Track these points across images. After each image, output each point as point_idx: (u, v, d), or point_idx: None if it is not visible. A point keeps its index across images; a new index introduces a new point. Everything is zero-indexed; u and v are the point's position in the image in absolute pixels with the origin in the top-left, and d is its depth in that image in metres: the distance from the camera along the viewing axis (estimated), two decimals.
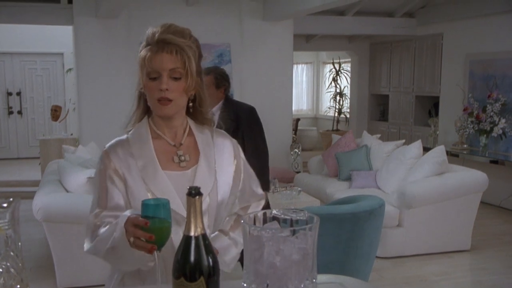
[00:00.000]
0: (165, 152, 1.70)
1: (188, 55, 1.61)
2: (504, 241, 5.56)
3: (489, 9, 7.02)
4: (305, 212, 1.24)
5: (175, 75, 1.61)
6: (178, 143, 1.72)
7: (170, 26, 1.64)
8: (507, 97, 6.79)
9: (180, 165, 1.69)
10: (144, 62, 1.61)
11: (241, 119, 3.79)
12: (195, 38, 1.68)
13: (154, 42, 1.60)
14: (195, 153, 1.73)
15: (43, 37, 10.08)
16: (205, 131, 1.78)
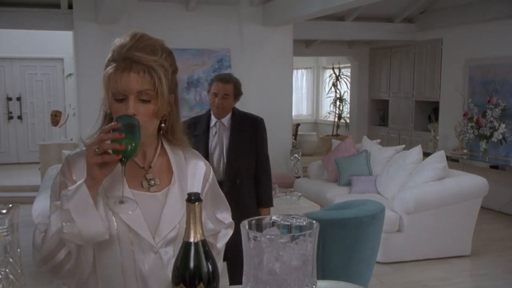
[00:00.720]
0: (133, 174, 1.52)
1: (158, 75, 1.41)
2: (504, 247, 5.55)
3: (489, 15, 7.03)
4: (304, 218, 1.24)
5: (143, 97, 1.41)
6: (147, 164, 1.55)
7: (140, 39, 1.44)
8: (507, 102, 6.79)
9: (150, 190, 1.52)
10: (109, 81, 1.42)
11: (255, 131, 3.59)
12: (169, 52, 1.50)
13: (121, 59, 1.41)
14: (168, 174, 1.56)
15: (43, 42, 10.09)
16: (177, 151, 1.62)
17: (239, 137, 3.53)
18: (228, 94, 3.46)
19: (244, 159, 3.54)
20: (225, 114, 3.53)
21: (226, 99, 3.46)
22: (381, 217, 3.69)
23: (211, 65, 7.11)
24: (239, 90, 3.57)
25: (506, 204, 6.78)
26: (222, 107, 3.46)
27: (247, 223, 1.19)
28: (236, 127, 3.54)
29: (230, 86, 3.48)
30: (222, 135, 3.54)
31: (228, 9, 7.35)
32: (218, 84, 3.46)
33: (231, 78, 3.58)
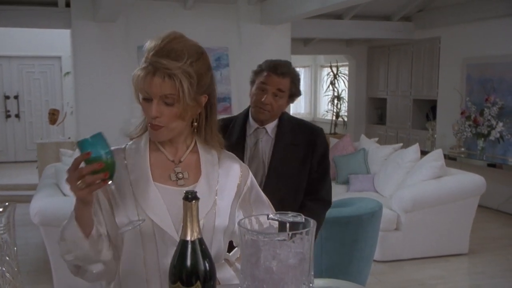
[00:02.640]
0: (162, 166, 1.58)
1: (180, 81, 1.44)
2: (502, 245, 5.56)
3: (486, 13, 7.03)
4: (301, 216, 1.24)
5: (167, 100, 1.46)
6: (177, 159, 1.60)
7: (169, 43, 1.47)
8: (505, 100, 6.80)
9: (178, 183, 1.56)
10: (136, 82, 1.48)
11: (312, 146, 2.59)
12: (198, 55, 1.51)
13: (147, 62, 1.46)
14: (197, 171, 1.59)
15: (41, 41, 10.07)
16: (212, 152, 1.65)
17: (289, 153, 2.55)
18: (283, 91, 2.49)
19: (291, 188, 2.55)
20: (272, 119, 2.57)
21: (279, 98, 2.50)
22: (379, 215, 3.71)
23: None
24: (298, 88, 2.60)
25: (504, 202, 6.79)
26: (271, 108, 2.49)
27: (243, 221, 1.19)
28: (284, 139, 2.56)
29: (287, 81, 2.51)
30: (264, 148, 2.57)
31: (226, 7, 7.34)
32: (271, 76, 2.49)
33: (289, 69, 2.55)
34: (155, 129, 1.51)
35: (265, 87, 2.49)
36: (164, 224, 1.49)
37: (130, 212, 1.50)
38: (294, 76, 2.54)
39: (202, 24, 7.06)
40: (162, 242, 1.50)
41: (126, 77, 1.61)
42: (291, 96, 2.56)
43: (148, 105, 1.48)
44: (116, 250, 1.55)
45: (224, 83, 7.14)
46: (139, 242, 1.51)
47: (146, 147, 1.60)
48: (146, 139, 1.61)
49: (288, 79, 2.51)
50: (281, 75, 2.49)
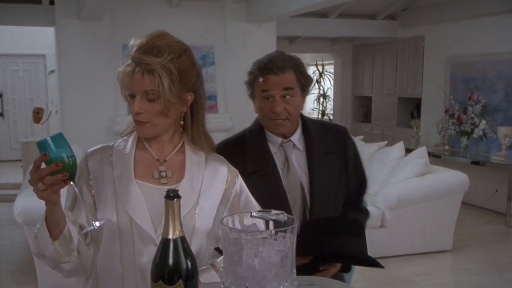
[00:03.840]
0: (146, 164, 1.59)
1: (160, 76, 1.45)
2: (485, 241, 5.62)
3: (469, 12, 7.09)
4: (284, 214, 1.25)
5: (149, 96, 1.47)
6: (162, 158, 1.60)
7: (152, 40, 1.49)
8: (488, 98, 6.87)
9: (160, 181, 1.56)
10: (121, 78, 1.49)
11: (343, 149, 2.17)
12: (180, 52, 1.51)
13: (130, 58, 1.48)
14: (181, 171, 1.59)
15: (25, 39, 9.98)
16: (199, 153, 1.64)
17: (326, 165, 2.11)
18: (291, 88, 2.01)
19: (334, 205, 2.13)
20: (294, 126, 2.11)
21: (290, 99, 2.02)
22: None
23: None
24: (306, 74, 2.11)
25: (487, 199, 6.86)
26: (287, 114, 2.02)
27: (225, 219, 1.19)
28: (316, 148, 2.11)
29: (290, 74, 2.02)
30: (298, 165, 2.11)
31: (212, 5, 7.33)
32: (269, 78, 2.01)
33: (286, 59, 2.05)
34: (139, 124, 1.53)
35: (268, 94, 2.01)
36: (142, 222, 1.50)
37: (110, 208, 1.51)
38: (295, 64, 2.06)
39: (187, 22, 7.05)
40: (140, 239, 1.50)
41: (111, 75, 1.62)
42: (304, 89, 2.08)
43: (133, 102, 1.50)
44: (97, 245, 1.55)
45: (210, 82, 7.13)
46: (116, 238, 1.51)
47: (133, 144, 1.61)
48: (135, 137, 1.62)
49: (290, 71, 2.02)
50: (281, 71, 2.00)
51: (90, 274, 1.57)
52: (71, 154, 1.37)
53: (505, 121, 6.68)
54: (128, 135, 1.65)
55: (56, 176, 1.33)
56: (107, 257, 1.53)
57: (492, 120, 6.74)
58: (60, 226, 1.44)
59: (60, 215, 1.44)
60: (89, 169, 1.58)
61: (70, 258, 1.48)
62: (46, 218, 1.43)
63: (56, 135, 1.38)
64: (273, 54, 2.09)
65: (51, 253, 1.45)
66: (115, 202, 1.52)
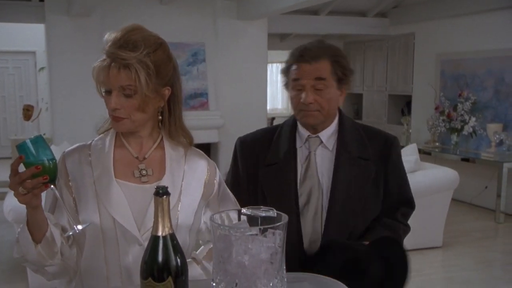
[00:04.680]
0: (126, 163, 1.56)
1: (136, 70, 1.43)
2: (475, 238, 5.65)
3: (459, 10, 7.12)
4: (274, 211, 1.25)
5: (125, 92, 1.45)
6: (142, 155, 1.58)
7: (127, 34, 1.47)
8: (477, 96, 6.91)
9: (141, 179, 1.55)
10: (96, 74, 1.47)
11: (385, 159, 1.97)
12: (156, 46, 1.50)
13: (105, 54, 1.46)
14: (161, 168, 1.58)
15: (14, 35, 9.90)
16: (179, 148, 1.62)
17: (357, 170, 1.91)
18: (323, 79, 1.85)
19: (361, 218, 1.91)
20: (327, 120, 1.94)
21: (323, 90, 1.87)
22: None
23: (186, 58, 7.08)
24: (345, 66, 1.93)
25: (477, 196, 6.90)
26: (318, 106, 1.87)
27: (215, 216, 1.20)
28: (349, 150, 1.93)
29: (325, 64, 1.86)
30: (320, 164, 1.94)
31: (202, 2, 7.31)
32: (301, 67, 1.87)
33: (323, 48, 1.90)
34: (117, 120, 1.50)
35: (300, 83, 1.86)
36: (125, 222, 1.49)
37: (91, 210, 1.49)
38: (332, 54, 1.89)
39: (178, 19, 7.03)
40: (124, 239, 1.49)
41: None
42: (340, 81, 1.91)
43: (109, 98, 1.48)
44: (79, 247, 1.54)
45: (201, 79, 7.13)
46: (100, 239, 1.50)
47: (111, 143, 1.59)
48: (112, 135, 1.60)
49: (326, 60, 1.86)
50: (314, 60, 1.84)
51: (74, 276, 1.56)
52: (51, 156, 1.35)
53: (495, 118, 6.72)
54: (105, 133, 1.63)
55: (36, 179, 1.31)
56: (91, 259, 1.52)
57: (482, 117, 6.78)
58: (43, 229, 1.43)
59: (42, 217, 1.41)
60: (68, 170, 1.55)
61: (54, 261, 1.46)
62: (28, 222, 1.41)
63: (35, 138, 1.36)
64: (311, 42, 1.94)
65: (34, 256, 1.43)
66: (97, 204, 1.50)
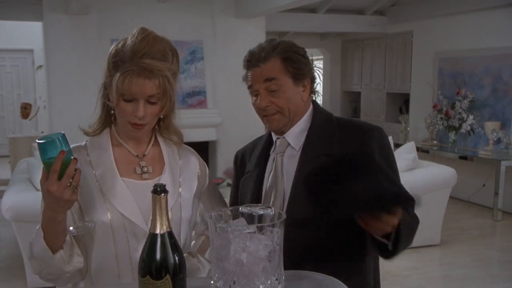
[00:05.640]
0: (126, 161, 1.58)
1: (170, 81, 1.47)
2: (472, 236, 5.66)
3: (457, 8, 7.13)
4: (272, 209, 1.26)
5: (152, 100, 1.47)
6: (141, 153, 1.61)
7: (153, 44, 1.47)
8: (475, 94, 6.92)
9: (142, 176, 1.58)
10: (122, 84, 1.44)
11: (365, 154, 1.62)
12: (176, 53, 1.54)
13: (134, 64, 1.44)
14: (160, 164, 1.61)
15: (12, 33, 9.90)
16: (171, 145, 1.67)
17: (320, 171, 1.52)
18: (272, 79, 1.69)
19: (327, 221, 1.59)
20: (288, 123, 1.75)
21: (277, 91, 1.70)
22: None
23: (184, 56, 7.07)
24: (300, 61, 1.72)
25: (474, 194, 6.91)
26: (276, 108, 1.72)
27: (214, 214, 1.20)
28: (313, 148, 1.72)
29: (273, 63, 1.70)
30: (287, 168, 1.74)
31: (200, 0, 7.31)
32: (252, 72, 1.73)
33: (271, 47, 1.72)
34: (137, 128, 1.52)
35: (253, 88, 1.73)
36: (134, 218, 1.51)
37: (99, 209, 1.50)
38: (282, 50, 1.71)
39: (176, 17, 7.02)
40: (133, 236, 1.51)
41: (99, 70, 1.60)
42: (296, 77, 1.71)
43: (130, 106, 1.47)
44: (85, 248, 1.54)
45: (199, 77, 7.12)
46: (110, 238, 1.51)
47: (109, 142, 1.60)
48: (108, 135, 1.61)
49: (274, 59, 1.69)
50: (261, 62, 1.70)
51: (84, 276, 1.57)
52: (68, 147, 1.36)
53: (492, 116, 6.72)
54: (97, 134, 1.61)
55: (78, 172, 1.34)
56: (102, 257, 1.53)
57: (480, 115, 6.79)
58: (63, 236, 1.44)
59: (65, 222, 1.42)
60: None
61: (72, 263, 1.48)
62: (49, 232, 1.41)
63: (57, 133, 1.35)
64: (260, 44, 1.77)
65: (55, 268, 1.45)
66: (104, 202, 1.51)
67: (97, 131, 1.61)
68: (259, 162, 1.82)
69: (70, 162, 1.32)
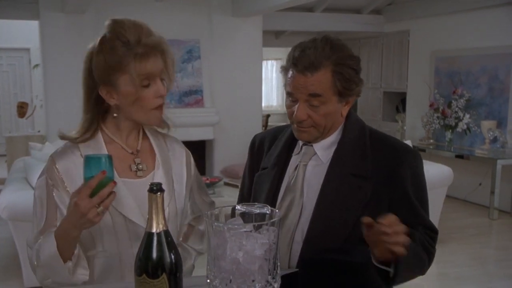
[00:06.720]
0: (121, 159, 1.55)
1: (171, 55, 1.52)
2: (469, 234, 5.67)
3: (453, 7, 7.14)
4: (268, 207, 1.26)
5: (163, 76, 1.50)
6: (135, 149, 1.59)
7: (142, 26, 1.51)
8: (471, 93, 6.93)
9: (137, 174, 1.56)
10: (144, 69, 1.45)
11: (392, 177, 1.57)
12: None
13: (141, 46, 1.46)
14: (152, 158, 1.60)
15: (9, 32, 9.87)
16: (158, 135, 1.66)
17: (346, 190, 1.58)
18: (318, 95, 1.55)
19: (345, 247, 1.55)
20: (320, 137, 1.65)
21: (319, 106, 1.57)
22: None
23: (181, 55, 7.06)
24: (349, 75, 1.58)
25: (471, 192, 6.92)
26: (312, 122, 1.60)
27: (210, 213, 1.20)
28: (342, 165, 1.62)
29: (321, 75, 1.53)
30: (309, 179, 1.66)
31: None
32: (296, 76, 1.56)
33: (321, 54, 1.53)
34: (161, 111, 1.53)
35: (293, 94, 1.58)
36: (136, 218, 1.50)
37: None
38: (335, 61, 1.54)
39: (173, 16, 7.01)
40: (136, 236, 1.50)
41: None
42: (342, 95, 1.58)
43: (150, 90, 1.48)
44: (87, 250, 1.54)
45: (196, 76, 7.12)
46: (114, 239, 1.51)
47: (102, 141, 1.57)
48: (98, 132, 1.58)
49: (325, 70, 1.53)
50: (309, 71, 1.52)
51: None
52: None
53: (489, 115, 6.74)
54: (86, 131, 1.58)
55: (112, 195, 1.34)
56: (106, 260, 1.53)
57: (476, 114, 6.80)
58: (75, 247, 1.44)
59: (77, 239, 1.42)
60: (61, 175, 1.50)
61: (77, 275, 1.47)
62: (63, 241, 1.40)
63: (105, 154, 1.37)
64: (314, 41, 1.58)
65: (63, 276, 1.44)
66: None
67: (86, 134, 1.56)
68: (278, 162, 1.71)
69: (107, 184, 1.32)
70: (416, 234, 1.54)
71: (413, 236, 1.46)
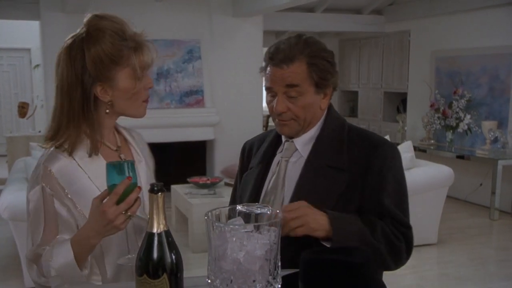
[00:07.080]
0: (110, 158, 1.51)
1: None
2: (469, 235, 5.67)
3: (454, 7, 7.14)
4: (269, 208, 1.26)
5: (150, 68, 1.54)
6: (116, 145, 1.58)
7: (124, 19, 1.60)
8: (472, 93, 6.92)
9: None
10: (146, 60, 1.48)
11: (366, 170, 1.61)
12: None
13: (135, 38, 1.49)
14: (130, 152, 1.61)
15: (9, 32, 9.88)
16: (123, 128, 1.67)
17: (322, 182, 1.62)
18: (295, 85, 1.60)
19: None
20: (301, 131, 1.69)
21: (297, 98, 1.62)
22: None
23: (181, 55, 7.07)
24: (324, 67, 1.63)
25: (471, 193, 6.92)
26: (293, 115, 1.64)
27: (210, 213, 1.20)
28: (318, 157, 1.66)
29: (297, 67, 1.59)
30: (292, 174, 1.69)
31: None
32: (272, 70, 1.62)
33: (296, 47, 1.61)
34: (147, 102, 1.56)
35: (271, 89, 1.63)
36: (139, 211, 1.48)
37: None
38: (310, 53, 1.61)
39: (173, 16, 7.01)
40: (140, 231, 1.52)
41: None
42: (319, 86, 1.62)
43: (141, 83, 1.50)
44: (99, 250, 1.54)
45: (197, 76, 7.12)
46: (124, 238, 1.52)
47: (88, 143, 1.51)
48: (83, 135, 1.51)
49: (300, 62, 1.58)
50: (284, 63, 1.58)
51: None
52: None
53: (490, 116, 6.74)
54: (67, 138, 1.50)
55: (138, 201, 1.33)
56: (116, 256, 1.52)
57: (477, 115, 6.80)
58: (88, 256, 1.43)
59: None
60: (59, 182, 1.46)
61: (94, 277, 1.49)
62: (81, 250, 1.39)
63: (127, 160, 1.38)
64: (288, 38, 1.66)
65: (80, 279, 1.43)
66: None
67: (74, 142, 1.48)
68: (263, 160, 1.77)
69: (133, 190, 1.31)
70: (378, 223, 1.59)
71: (370, 223, 1.55)
